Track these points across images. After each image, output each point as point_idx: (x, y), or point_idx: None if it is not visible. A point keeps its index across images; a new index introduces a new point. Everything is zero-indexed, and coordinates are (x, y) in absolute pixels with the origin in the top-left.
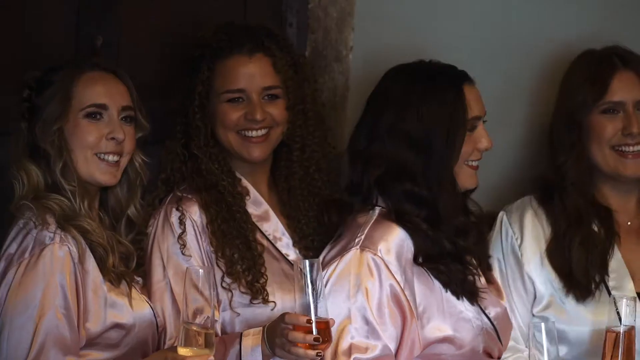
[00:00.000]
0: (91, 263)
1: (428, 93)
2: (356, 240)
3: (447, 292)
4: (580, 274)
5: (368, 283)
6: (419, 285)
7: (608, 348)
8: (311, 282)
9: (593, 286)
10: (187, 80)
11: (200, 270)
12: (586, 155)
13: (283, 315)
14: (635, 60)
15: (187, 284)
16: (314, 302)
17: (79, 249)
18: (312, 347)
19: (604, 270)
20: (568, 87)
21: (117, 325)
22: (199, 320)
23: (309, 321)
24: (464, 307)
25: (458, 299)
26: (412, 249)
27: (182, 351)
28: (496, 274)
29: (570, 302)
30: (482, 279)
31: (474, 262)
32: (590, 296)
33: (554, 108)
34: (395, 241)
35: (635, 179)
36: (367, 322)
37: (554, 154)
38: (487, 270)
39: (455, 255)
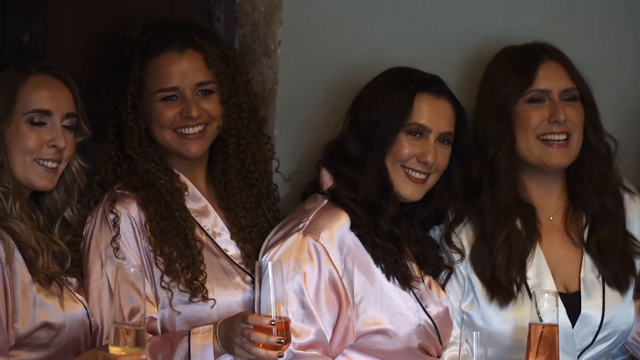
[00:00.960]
0: (19, 264)
1: (384, 92)
2: (300, 225)
3: (388, 280)
4: (503, 277)
5: (307, 267)
6: (359, 275)
7: (533, 342)
8: (273, 282)
9: (515, 288)
10: (117, 81)
11: (132, 268)
12: (515, 147)
13: (243, 315)
14: (558, 52)
15: (118, 282)
16: (275, 302)
17: (6, 249)
18: (273, 348)
19: (524, 271)
20: (493, 81)
21: (46, 325)
22: (136, 319)
23: (272, 322)
24: (403, 301)
25: (389, 279)
26: (356, 239)
27: (114, 350)
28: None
29: (493, 305)
30: (426, 280)
31: (411, 254)
32: (513, 299)
33: (476, 105)
34: (340, 230)
35: (560, 169)
36: (303, 305)
37: (482, 150)
38: (433, 276)
39: (391, 237)
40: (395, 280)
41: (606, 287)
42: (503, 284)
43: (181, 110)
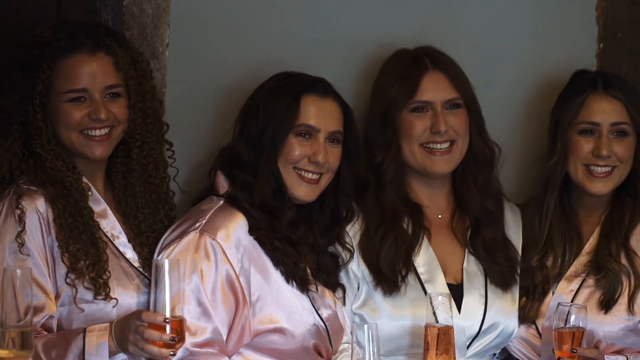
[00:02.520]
0: None
1: (270, 96)
2: (197, 224)
3: (284, 281)
4: (387, 269)
5: (204, 266)
6: (255, 274)
7: (431, 344)
8: (169, 280)
9: (399, 279)
10: (24, 79)
11: (18, 270)
12: (400, 154)
13: (138, 312)
14: (446, 61)
15: (4, 285)
16: (170, 300)
17: None
18: (166, 345)
19: (410, 264)
20: (381, 86)
21: None
22: (28, 317)
23: (166, 320)
24: (298, 301)
25: (288, 282)
26: (252, 238)
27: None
28: None
29: (385, 300)
30: (320, 286)
31: (307, 257)
32: (397, 289)
33: (369, 107)
34: (236, 229)
35: (443, 175)
36: (200, 304)
37: (371, 153)
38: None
39: (290, 241)
40: (294, 283)
41: (488, 281)
42: (388, 275)
43: (89, 112)
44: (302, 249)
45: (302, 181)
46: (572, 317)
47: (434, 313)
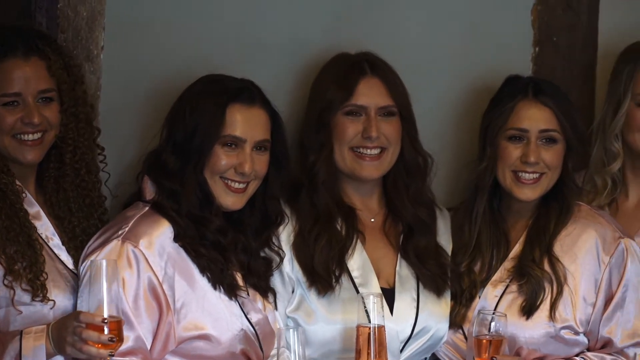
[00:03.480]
0: None
1: (196, 102)
2: (120, 232)
3: (211, 288)
4: (321, 268)
5: (125, 274)
6: (180, 280)
7: (363, 345)
8: (106, 281)
9: (333, 280)
10: None
11: None
12: (333, 157)
13: (75, 314)
14: (385, 68)
15: None
16: (107, 301)
17: None
18: (105, 346)
19: (343, 265)
20: (319, 88)
21: None
22: None
23: (104, 320)
24: (225, 307)
25: (215, 288)
26: (177, 245)
27: None
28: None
29: (319, 302)
30: (251, 291)
31: (238, 262)
32: (331, 290)
33: (305, 109)
34: (160, 236)
35: (371, 181)
36: (122, 312)
37: (304, 155)
38: (255, 288)
39: (217, 246)
40: (221, 289)
41: (421, 286)
42: (322, 275)
43: (22, 116)
44: (230, 254)
45: (229, 191)
46: (492, 325)
47: (367, 314)
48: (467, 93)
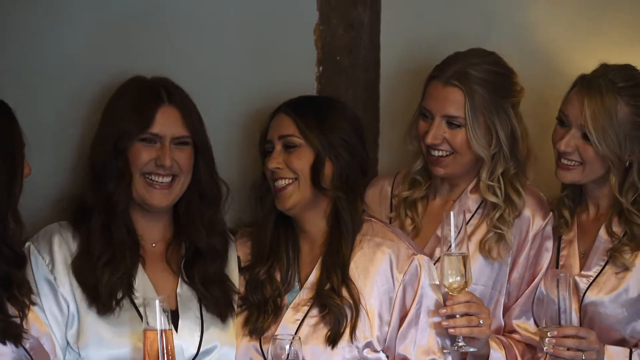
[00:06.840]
0: None
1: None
2: None
3: None
4: (104, 292)
5: None
6: None
7: (151, 349)
8: None
9: (114, 302)
10: None
11: None
12: (132, 183)
13: None
14: (182, 97)
15: None
16: None
17: None
18: None
19: (127, 289)
20: (114, 112)
21: None
22: None
23: None
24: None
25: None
26: None
27: None
28: None
29: (98, 323)
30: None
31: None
32: (110, 311)
33: (96, 132)
34: None
35: (160, 209)
36: None
37: (101, 180)
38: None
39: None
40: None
41: (204, 308)
42: (103, 297)
43: None
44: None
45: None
46: (288, 349)
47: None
48: (252, 113)
